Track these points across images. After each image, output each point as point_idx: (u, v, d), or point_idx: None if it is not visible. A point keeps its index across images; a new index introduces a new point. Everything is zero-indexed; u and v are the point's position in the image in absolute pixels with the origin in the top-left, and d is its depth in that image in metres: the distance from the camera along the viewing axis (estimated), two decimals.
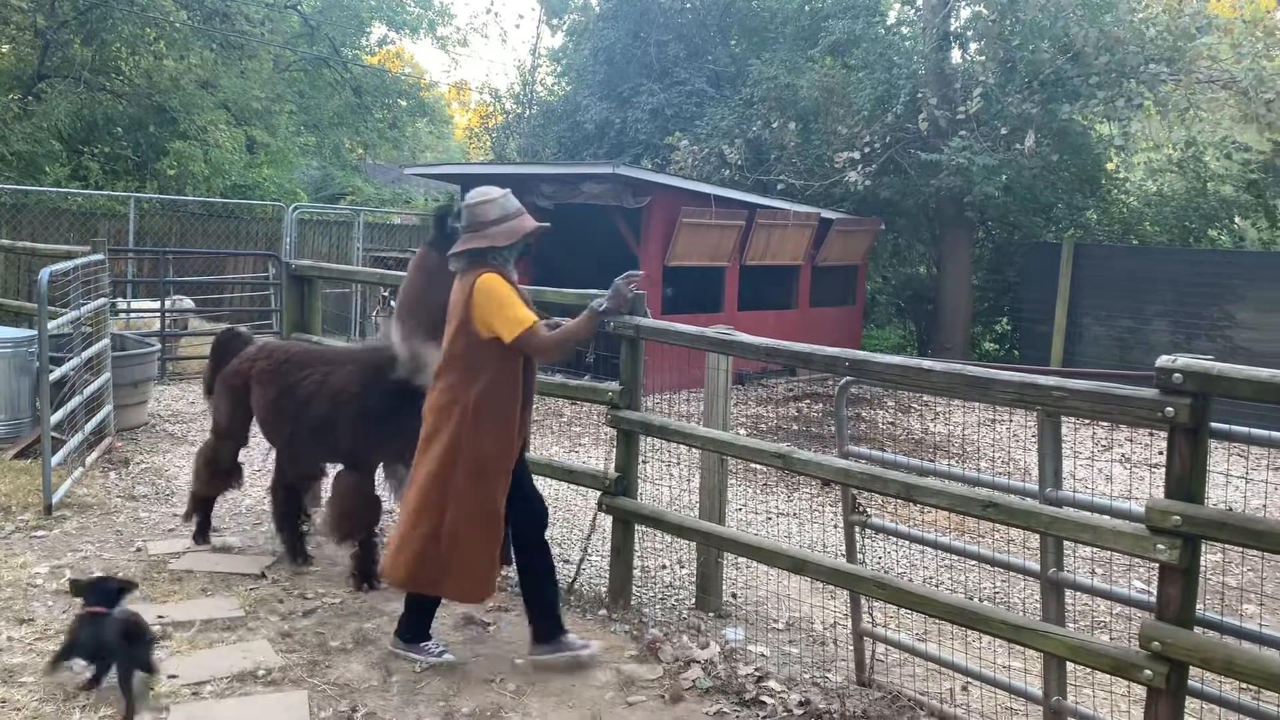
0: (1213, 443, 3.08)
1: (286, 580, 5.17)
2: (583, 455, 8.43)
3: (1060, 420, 3.80)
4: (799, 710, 4.00)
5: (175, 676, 3.98)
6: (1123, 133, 15.99)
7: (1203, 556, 3.19)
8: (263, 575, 5.20)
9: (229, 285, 15.31)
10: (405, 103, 25.31)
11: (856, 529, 4.57)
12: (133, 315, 12.20)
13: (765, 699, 4.06)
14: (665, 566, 6.06)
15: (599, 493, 5.06)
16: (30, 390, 7.65)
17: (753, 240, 13.77)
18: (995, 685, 4.22)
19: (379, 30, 26.82)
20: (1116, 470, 9.25)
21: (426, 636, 4.29)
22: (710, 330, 4.61)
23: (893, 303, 18.80)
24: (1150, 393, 3.05)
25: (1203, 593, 3.22)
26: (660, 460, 6.46)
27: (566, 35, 22.76)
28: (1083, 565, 6.26)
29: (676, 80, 18.75)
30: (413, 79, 28.59)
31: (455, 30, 34.98)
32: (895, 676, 4.68)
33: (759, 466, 7.73)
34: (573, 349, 4.32)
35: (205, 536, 5.66)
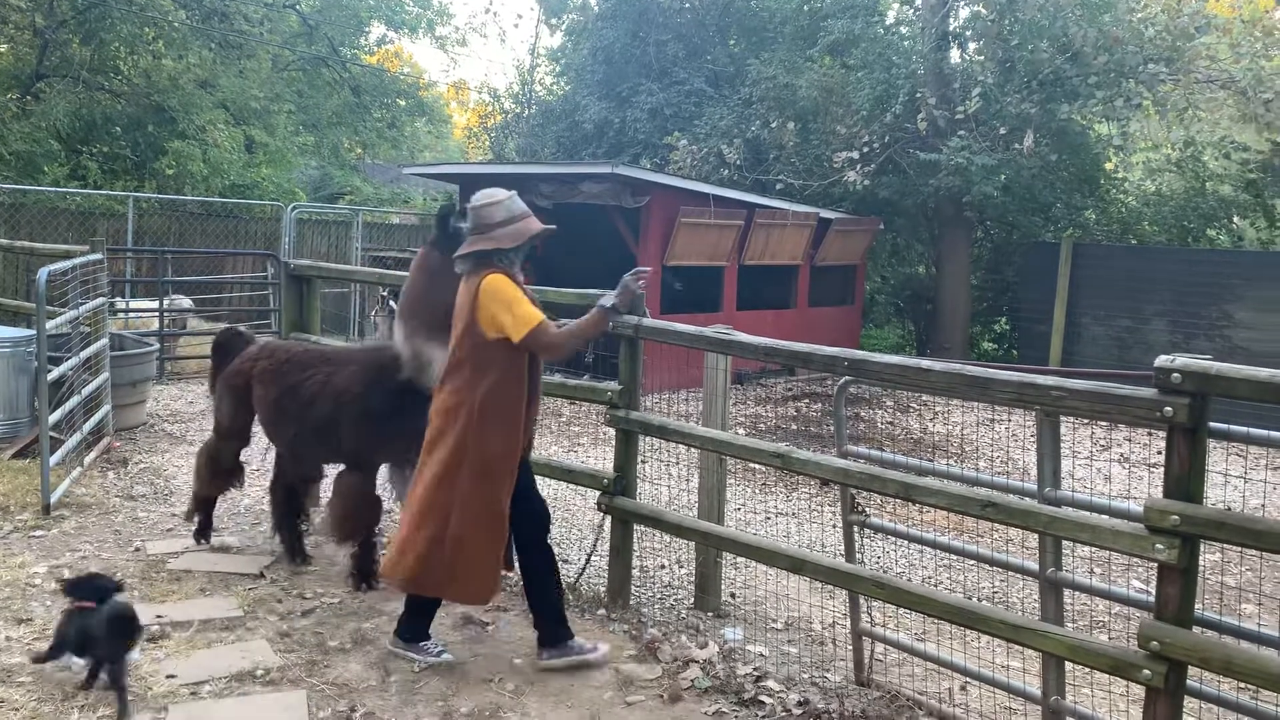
0: (1211, 442, 3.08)
1: (285, 580, 5.17)
2: (581, 455, 8.43)
3: (1059, 420, 3.80)
4: (798, 710, 4.00)
5: (174, 676, 3.99)
6: (1121, 132, 16.02)
7: (1201, 556, 3.19)
8: (261, 575, 5.20)
9: (227, 285, 15.32)
10: (404, 102, 25.29)
11: (855, 529, 4.57)
12: (131, 315, 12.21)
13: (764, 698, 4.06)
14: (664, 566, 6.06)
15: (598, 492, 5.06)
16: (28, 390, 7.64)
17: (751, 240, 13.76)
18: (994, 685, 4.22)
19: (378, 30, 26.82)
20: (1115, 470, 9.25)
21: (426, 636, 4.30)
22: (709, 330, 4.61)
23: (891, 302, 18.80)
24: (1149, 392, 3.06)
25: (1201, 592, 3.22)
26: (659, 460, 6.46)
27: (565, 35, 22.75)
28: (1081, 565, 6.27)
29: (675, 80, 18.74)
30: (411, 79, 28.54)
31: (454, 30, 35.03)
32: (894, 676, 4.68)
33: (758, 466, 7.73)
34: (582, 346, 4.31)
35: (206, 535, 5.66)
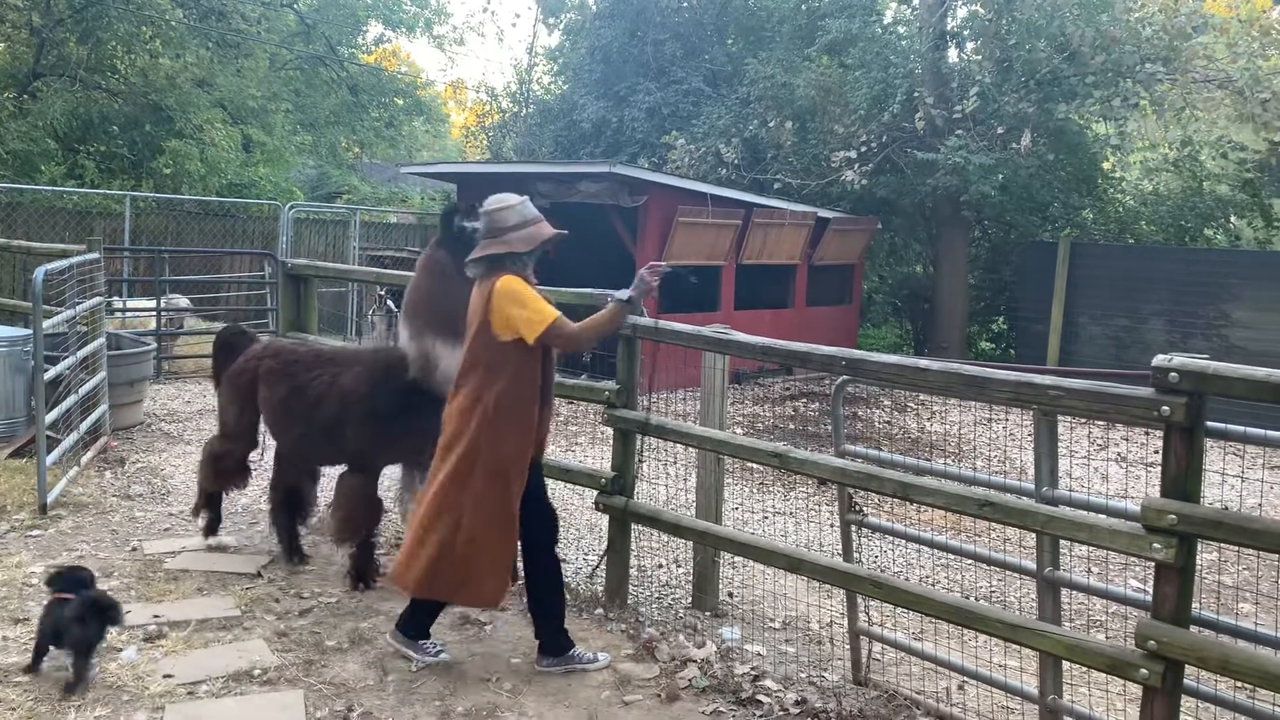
0: (1208, 441, 3.08)
1: (283, 579, 5.17)
2: (579, 455, 8.42)
3: (1056, 419, 3.80)
4: (795, 709, 4.00)
5: (171, 676, 3.99)
6: (1119, 132, 16.03)
7: (1198, 555, 3.20)
8: (259, 574, 5.20)
9: (225, 284, 15.30)
10: (401, 101, 25.27)
11: (853, 528, 4.57)
12: (128, 314, 12.20)
13: (761, 698, 4.06)
14: (662, 566, 6.06)
15: (596, 492, 5.05)
16: (25, 389, 7.64)
17: (749, 239, 13.76)
18: (991, 684, 4.22)
19: (375, 29, 26.80)
20: (1112, 469, 9.27)
21: (426, 635, 4.29)
22: (707, 329, 4.61)
23: (889, 302, 18.81)
24: (1146, 392, 3.06)
25: (1198, 592, 3.22)
26: (657, 459, 6.46)
27: (563, 34, 22.75)
28: (1079, 564, 6.28)
29: (673, 79, 18.73)
30: (409, 78, 28.53)
31: (452, 29, 34.91)
32: (891, 675, 4.68)
33: (755, 465, 7.73)
34: (599, 340, 4.31)
35: (215, 531, 5.65)
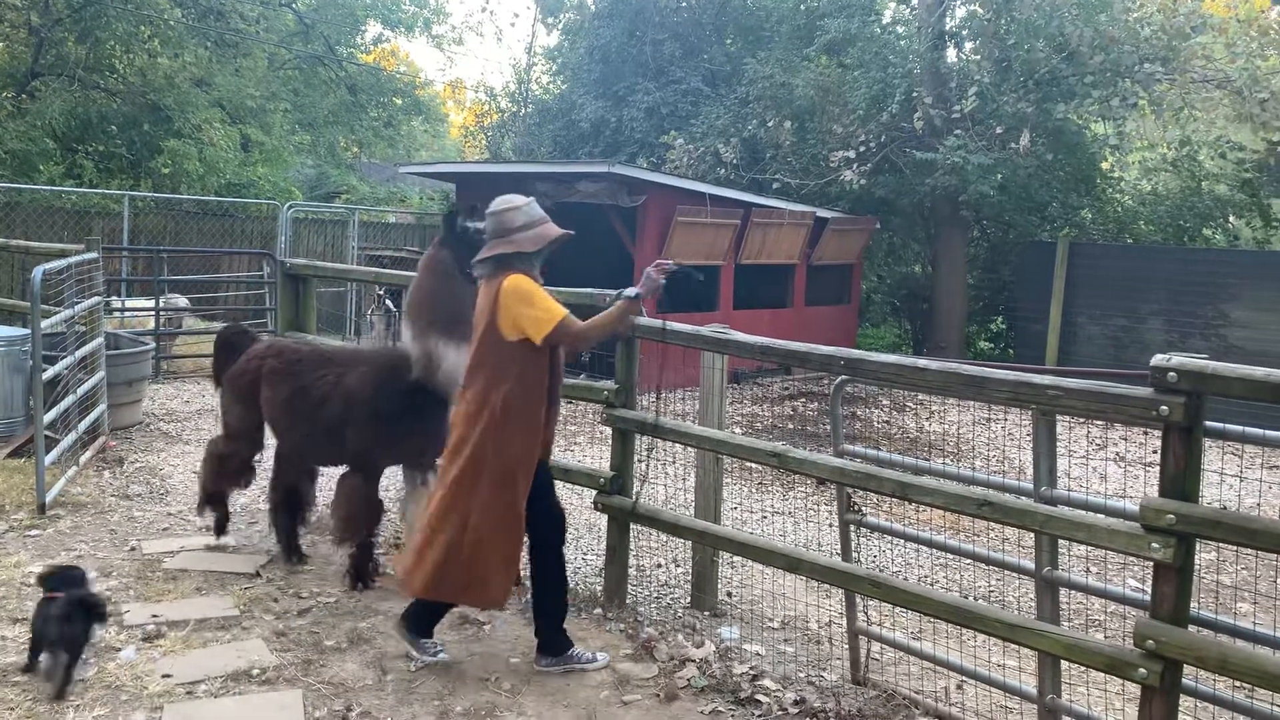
0: (1207, 441, 3.08)
1: (281, 579, 5.16)
2: (578, 454, 8.42)
3: (1055, 419, 3.80)
4: (794, 709, 4.00)
5: (169, 676, 3.98)
6: (1117, 132, 16.04)
7: (1197, 555, 3.20)
8: (257, 574, 5.20)
9: (223, 284, 15.30)
10: (400, 101, 25.28)
11: (852, 528, 4.57)
12: (127, 314, 12.20)
13: (760, 698, 4.06)
14: (660, 565, 6.06)
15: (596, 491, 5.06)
16: (24, 389, 7.63)
17: (748, 239, 13.76)
18: (990, 684, 4.22)
19: (374, 28, 26.81)
20: (1111, 469, 9.27)
21: (429, 634, 4.29)
22: (706, 329, 4.61)
23: (888, 301, 18.81)
24: (1145, 392, 3.06)
25: (1197, 591, 3.22)
26: (655, 459, 6.45)
27: (562, 34, 22.75)
28: (1077, 564, 6.28)
29: (672, 79, 18.73)
30: (408, 77, 28.54)
31: (450, 29, 35.05)
32: (890, 675, 4.68)
33: (754, 465, 7.73)
34: (608, 338, 4.31)
35: (224, 530, 5.65)
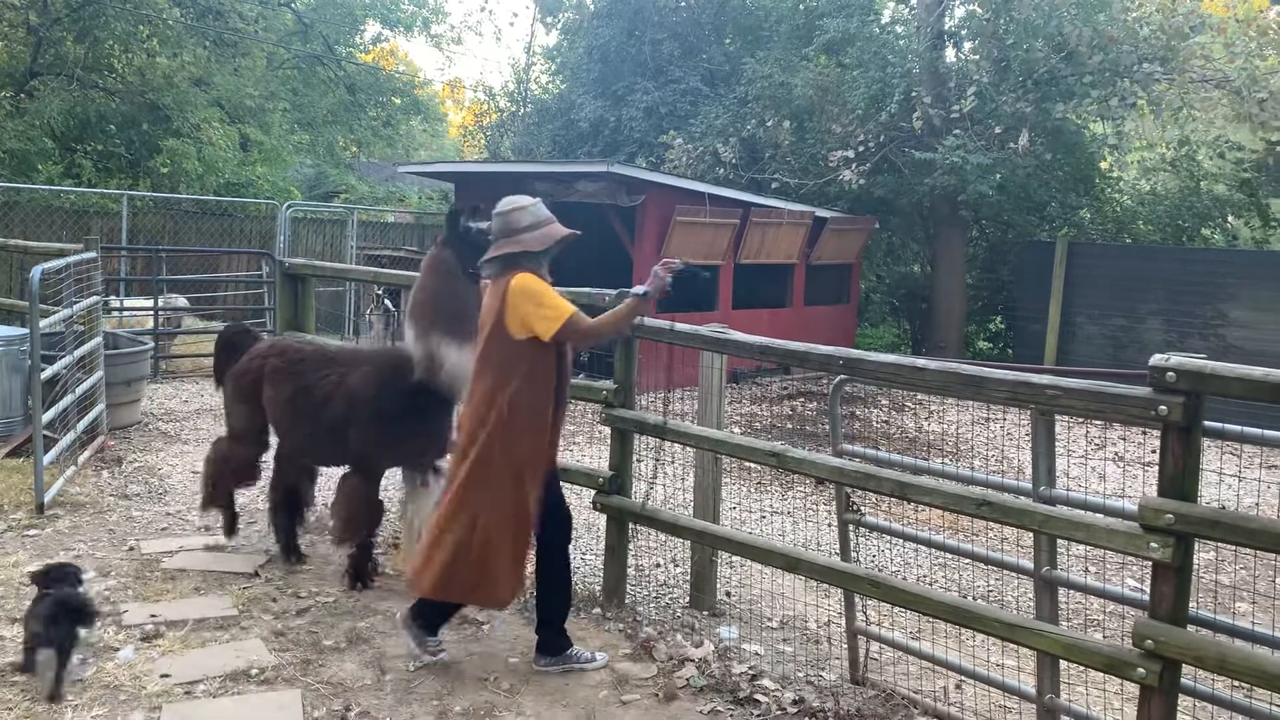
0: (1206, 441, 3.08)
1: (280, 579, 5.16)
2: (577, 454, 8.41)
3: (1054, 419, 3.80)
4: (793, 708, 4.00)
5: (168, 675, 3.98)
6: (1116, 132, 16.04)
7: (1196, 555, 3.20)
8: (256, 574, 5.20)
9: (222, 284, 15.29)
10: (399, 101, 25.27)
11: (850, 527, 4.57)
12: (126, 313, 12.19)
13: (759, 697, 4.06)
14: (659, 565, 6.06)
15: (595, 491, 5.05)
16: (22, 389, 7.63)
17: (747, 239, 13.76)
18: (989, 683, 4.22)
19: (373, 28, 26.78)
20: (1110, 468, 9.27)
21: (434, 632, 4.28)
22: (705, 329, 4.61)
23: (887, 301, 18.82)
24: (1144, 391, 3.06)
25: (1195, 591, 3.22)
26: (654, 459, 6.44)
27: (561, 33, 22.74)
28: (1076, 563, 6.28)
29: (671, 79, 18.73)
30: (407, 77, 28.52)
31: (449, 28, 35.08)
32: (889, 675, 4.68)
33: (753, 465, 7.73)
34: (616, 335, 4.31)
35: (235, 530, 5.64)
